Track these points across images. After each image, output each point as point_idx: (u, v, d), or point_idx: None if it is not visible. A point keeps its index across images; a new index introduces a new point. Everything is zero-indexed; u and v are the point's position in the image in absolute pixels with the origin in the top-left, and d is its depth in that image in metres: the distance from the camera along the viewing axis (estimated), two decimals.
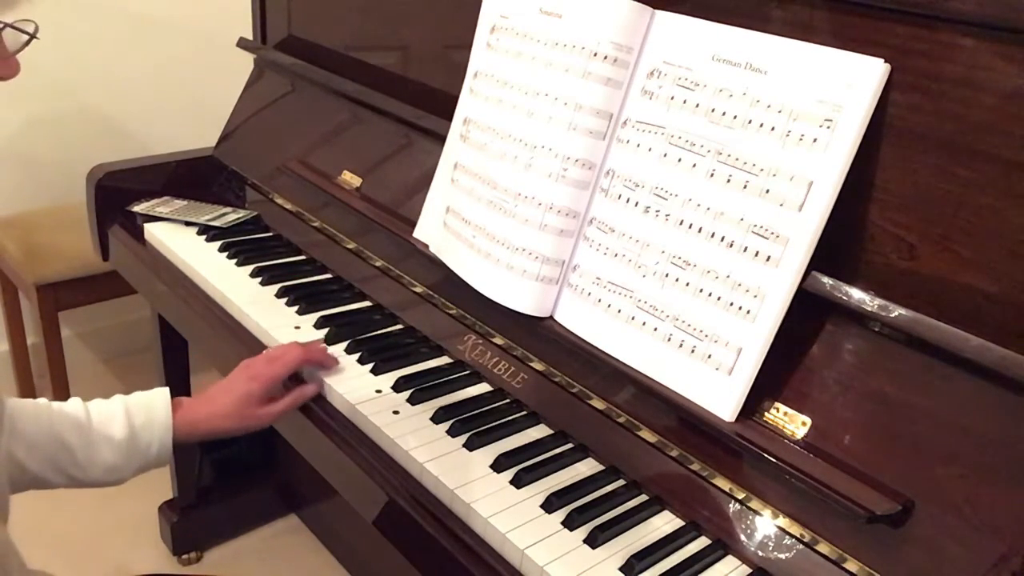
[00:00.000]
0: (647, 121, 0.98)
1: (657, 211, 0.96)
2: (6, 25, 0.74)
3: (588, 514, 0.92)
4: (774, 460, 0.85)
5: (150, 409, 1.01)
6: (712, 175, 0.92)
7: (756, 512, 0.88)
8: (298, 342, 1.14)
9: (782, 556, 0.85)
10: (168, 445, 1.02)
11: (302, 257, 1.47)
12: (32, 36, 0.75)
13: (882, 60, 0.81)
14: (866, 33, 0.85)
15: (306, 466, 1.18)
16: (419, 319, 1.26)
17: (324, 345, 1.17)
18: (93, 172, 1.59)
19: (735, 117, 0.90)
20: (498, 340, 1.14)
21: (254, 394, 1.06)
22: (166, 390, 1.04)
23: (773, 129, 0.87)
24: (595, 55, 0.99)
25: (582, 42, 1.00)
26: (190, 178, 1.67)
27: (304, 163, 1.50)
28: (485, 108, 1.11)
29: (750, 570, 0.87)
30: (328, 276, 1.42)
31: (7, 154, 2.24)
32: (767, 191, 0.87)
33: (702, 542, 0.91)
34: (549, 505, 0.93)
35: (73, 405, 0.99)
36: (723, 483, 0.90)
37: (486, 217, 1.08)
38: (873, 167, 0.85)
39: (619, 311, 0.99)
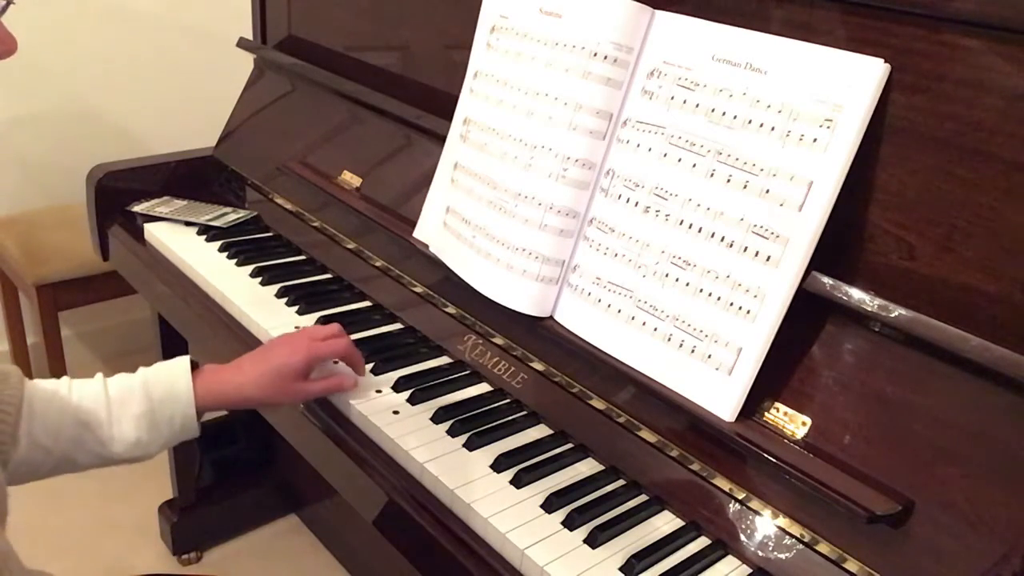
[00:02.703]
0: (647, 121, 0.98)
1: (657, 211, 0.96)
2: None
3: (588, 514, 0.92)
4: (774, 460, 0.85)
5: (170, 380, 1.00)
6: (712, 175, 0.92)
7: (756, 512, 0.88)
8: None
9: (782, 556, 0.85)
10: (192, 416, 1.00)
11: (302, 257, 1.47)
12: (9, 3, 0.75)
13: (882, 60, 0.81)
14: (866, 33, 0.85)
15: (306, 466, 1.18)
16: (419, 319, 1.26)
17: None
18: (93, 172, 1.59)
19: (735, 117, 0.90)
20: (498, 340, 1.14)
21: (294, 368, 1.04)
22: (186, 360, 1.02)
23: (773, 129, 0.87)
24: (595, 55, 0.99)
25: (582, 42, 1.00)
26: (190, 178, 1.67)
27: (304, 163, 1.50)
28: (485, 108, 1.11)
29: (750, 570, 0.87)
30: (328, 276, 1.42)
31: (7, 154, 2.24)
32: (767, 191, 0.87)
33: (702, 542, 0.91)
34: (549, 505, 0.93)
35: (93, 382, 0.99)
36: (723, 483, 0.90)
37: (486, 217, 1.08)
38: (873, 167, 0.85)
39: (619, 311, 0.99)
